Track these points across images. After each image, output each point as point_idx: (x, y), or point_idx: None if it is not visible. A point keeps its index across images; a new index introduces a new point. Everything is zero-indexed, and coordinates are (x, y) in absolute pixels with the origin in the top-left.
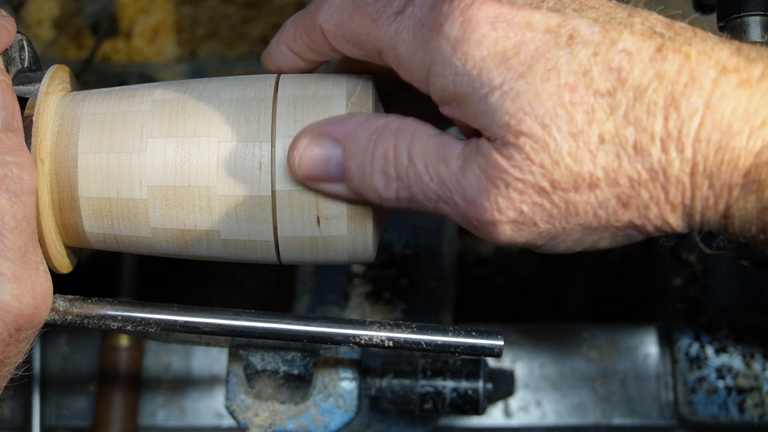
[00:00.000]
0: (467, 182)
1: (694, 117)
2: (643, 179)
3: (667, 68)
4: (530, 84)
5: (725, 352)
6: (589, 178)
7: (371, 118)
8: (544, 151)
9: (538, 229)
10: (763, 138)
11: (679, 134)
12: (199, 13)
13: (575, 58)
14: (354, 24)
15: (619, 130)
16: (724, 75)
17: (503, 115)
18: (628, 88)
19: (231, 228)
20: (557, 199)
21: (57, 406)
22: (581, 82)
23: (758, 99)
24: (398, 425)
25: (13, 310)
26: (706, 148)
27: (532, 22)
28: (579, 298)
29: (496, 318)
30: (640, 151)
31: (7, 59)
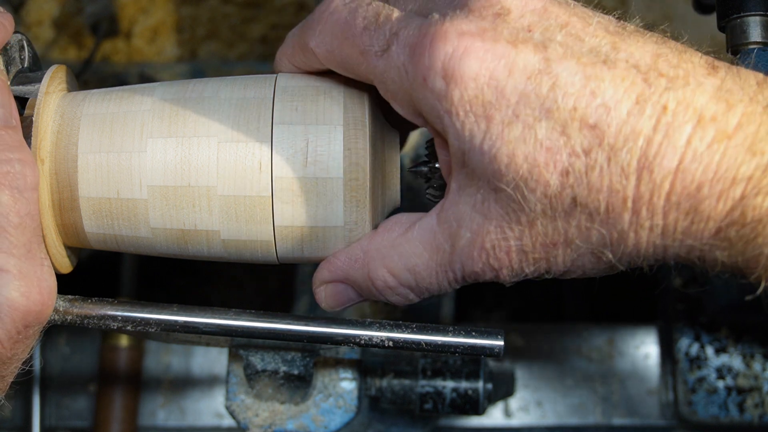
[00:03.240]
0: (462, 260)
1: (665, 181)
2: (614, 239)
3: (643, 124)
4: (507, 145)
5: (725, 352)
6: (564, 235)
7: (351, 254)
8: (519, 210)
9: (528, 274)
10: (732, 198)
11: (651, 197)
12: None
13: (554, 115)
14: (344, 53)
15: (592, 194)
16: (700, 128)
17: (484, 171)
18: (603, 147)
19: (231, 228)
20: (538, 254)
21: (57, 406)
22: (558, 141)
23: (731, 153)
24: (398, 425)
25: (21, 307)
26: (676, 212)
27: (515, 68)
28: (579, 298)
29: (496, 318)
30: (612, 214)
31: (7, 59)
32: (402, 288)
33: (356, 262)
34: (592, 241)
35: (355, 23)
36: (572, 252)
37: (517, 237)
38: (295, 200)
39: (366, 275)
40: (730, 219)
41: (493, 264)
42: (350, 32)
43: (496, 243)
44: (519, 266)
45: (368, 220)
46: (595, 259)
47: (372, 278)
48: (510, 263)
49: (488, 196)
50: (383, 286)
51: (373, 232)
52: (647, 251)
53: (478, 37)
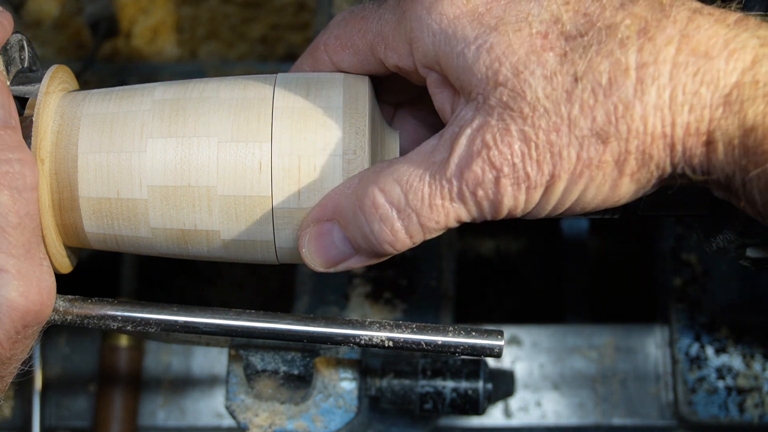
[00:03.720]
0: (460, 158)
1: (670, 44)
2: (620, 112)
3: (639, 9)
4: (502, 35)
5: (725, 352)
6: (568, 117)
7: (348, 181)
8: (521, 97)
9: (531, 180)
10: (744, 60)
11: (655, 61)
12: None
13: (546, 8)
14: (348, 29)
15: (593, 66)
16: (699, 14)
17: (480, 67)
18: (599, 28)
19: (231, 228)
20: (541, 144)
21: (57, 406)
22: (552, 28)
23: (736, 32)
24: (398, 425)
25: (21, 307)
26: (684, 73)
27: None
28: (579, 298)
29: (496, 318)
30: (615, 83)
31: (7, 59)
32: (389, 208)
33: (349, 187)
34: (597, 119)
35: (360, 5)
36: (576, 138)
37: (518, 126)
38: (295, 197)
39: (355, 199)
40: (742, 80)
41: (493, 160)
42: (355, 9)
43: (497, 135)
44: (521, 163)
45: None
46: (601, 146)
47: (361, 198)
48: (512, 158)
49: (489, 94)
50: (369, 206)
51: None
52: (654, 124)
53: None
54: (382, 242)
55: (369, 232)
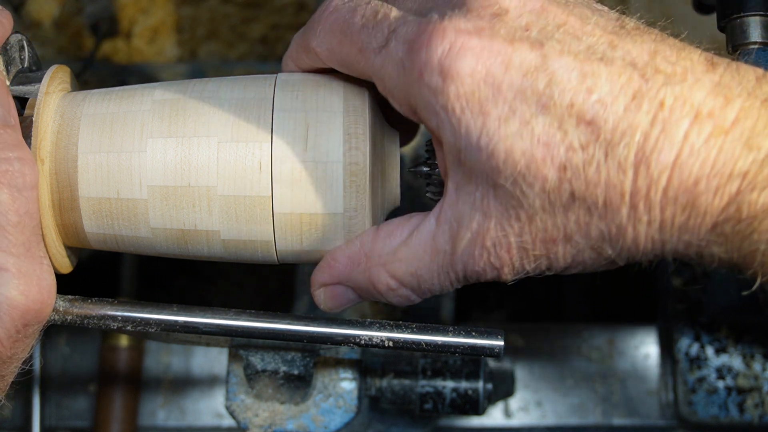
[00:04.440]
0: (464, 260)
1: (663, 175)
2: (613, 234)
3: (641, 119)
4: (505, 141)
5: (725, 352)
6: (564, 231)
7: (353, 256)
8: (518, 205)
9: (529, 271)
10: (729, 193)
11: (648, 192)
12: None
13: (550, 111)
14: (343, 51)
15: (590, 188)
16: (698, 123)
17: (482, 167)
18: (600, 143)
19: (231, 228)
20: (539, 250)
21: (57, 406)
22: (555, 136)
23: (728, 148)
24: (398, 425)
25: (21, 306)
26: (673, 206)
27: (511, 65)
28: (579, 298)
29: (496, 318)
30: (610, 208)
31: (7, 59)
32: (404, 290)
33: (358, 265)
34: (592, 236)
35: (353, 21)
36: (572, 248)
37: (517, 234)
38: (295, 196)
39: (367, 279)
40: (726, 214)
41: (494, 263)
42: (349, 30)
43: (497, 241)
44: (520, 264)
45: (368, 208)
46: (595, 255)
47: (374, 282)
48: (511, 261)
49: (487, 193)
50: (386, 289)
51: (374, 234)
52: (646, 246)
53: (475, 35)
54: (397, 303)
55: (385, 300)
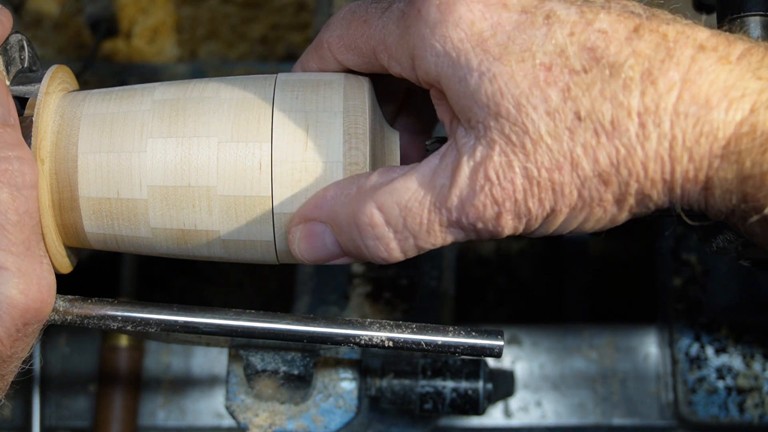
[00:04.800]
0: (462, 191)
1: (672, 91)
2: (621, 155)
3: (644, 47)
4: (506, 65)
5: (725, 352)
6: (570, 156)
7: (344, 187)
8: (523, 131)
9: (532, 215)
10: (743, 110)
11: (657, 108)
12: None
13: (550, 39)
14: (351, 30)
15: (596, 106)
16: (703, 52)
17: (481, 97)
18: (603, 65)
19: (231, 228)
20: (543, 181)
21: (57, 406)
22: (556, 61)
23: (737, 74)
24: (398, 425)
25: (20, 305)
26: (685, 122)
27: (509, 2)
28: (579, 298)
29: (496, 318)
30: (618, 126)
31: (7, 59)
32: (386, 228)
33: (346, 196)
34: (599, 160)
35: (364, 3)
36: (578, 178)
37: (521, 161)
38: (295, 196)
39: (351, 211)
40: (741, 130)
41: (495, 195)
42: (358, 9)
43: (500, 169)
44: (523, 199)
45: None
46: (602, 186)
47: (357, 213)
48: (514, 194)
49: (490, 123)
50: (366, 223)
51: (370, 172)
52: (654, 170)
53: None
54: (375, 256)
55: (363, 246)
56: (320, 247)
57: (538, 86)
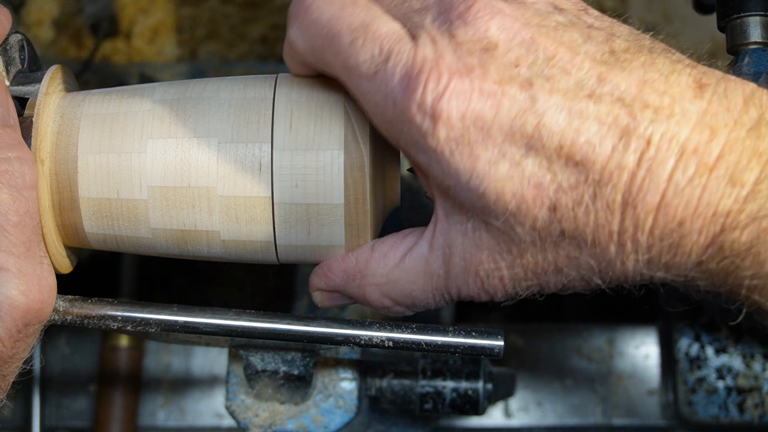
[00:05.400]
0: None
1: (649, 216)
2: (602, 267)
3: (627, 160)
4: (495, 183)
5: (725, 352)
6: (554, 264)
7: (348, 270)
8: (510, 241)
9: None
10: (713, 232)
11: (635, 231)
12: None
13: (539, 152)
14: (326, 59)
15: (579, 227)
16: (683, 161)
17: (470, 207)
18: (589, 184)
19: (231, 228)
20: (530, 277)
21: (57, 406)
22: (545, 177)
23: (712, 186)
24: (398, 425)
25: (21, 305)
26: (660, 245)
27: (501, 109)
28: (579, 298)
29: (496, 318)
30: (599, 245)
31: (6, 59)
32: (399, 307)
33: (353, 280)
34: (581, 268)
35: (340, 32)
36: (563, 277)
37: (508, 266)
38: (295, 197)
39: (362, 294)
40: (710, 253)
41: (487, 289)
42: (335, 41)
43: (489, 271)
44: (513, 290)
45: (368, 208)
46: (584, 283)
47: (368, 299)
48: (504, 288)
49: (478, 227)
50: (380, 306)
51: (369, 252)
52: (634, 278)
53: (466, 75)
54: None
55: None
56: (343, 303)
57: (526, 204)
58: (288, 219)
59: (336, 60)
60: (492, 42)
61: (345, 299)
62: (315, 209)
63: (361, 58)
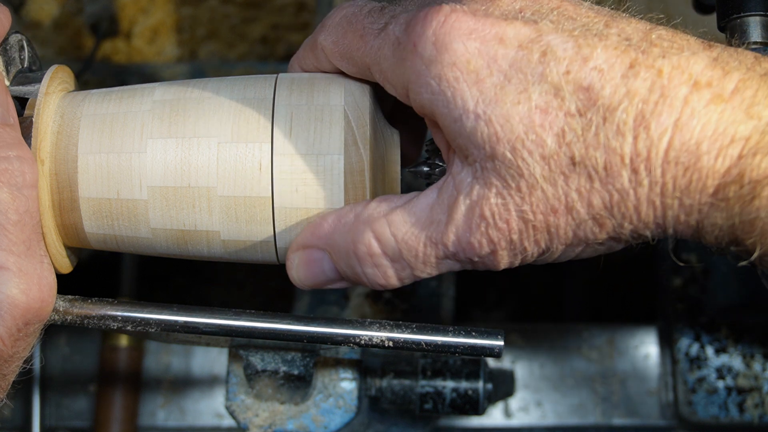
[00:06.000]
0: (458, 228)
1: (663, 137)
2: (615, 200)
3: (638, 86)
4: (501, 107)
5: (725, 352)
6: (565, 200)
7: (342, 216)
8: (519, 175)
9: (527, 252)
10: (731, 156)
11: (648, 154)
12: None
13: (546, 77)
14: (346, 40)
15: (590, 151)
16: (696, 91)
17: (477, 139)
18: (598, 108)
19: (231, 228)
20: (539, 223)
21: (57, 406)
22: (552, 103)
23: (729, 115)
24: (398, 425)
25: (22, 304)
26: (675, 169)
27: (505, 37)
28: (579, 298)
29: (496, 318)
30: (611, 172)
31: (7, 59)
32: (383, 258)
33: (344, 225)
34: (593, 204)
35: (360, 12)
36: (573, 220)
37: (517, 204)
38: (295, 197)
39: (350, 239)
40: (728, 178)
41: (491, 235)
42: (354, 19)
43: (496, 210)
44: (519, 238)
45: None
46: (597, 228)
47: (355, 242)
48: (509, 234)
49: (486, 164)
50: (364, 252)
51: (368, 201)
52: (647, 214)
53: (470, 14)
54: (373, 283)
55: (361, 273)
56: (319, 273)
57: (534, 131)
58: (288, 222)
59: (353, 35)
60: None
61: (324, 264)
62: (315, 213)
63: (373, 23)
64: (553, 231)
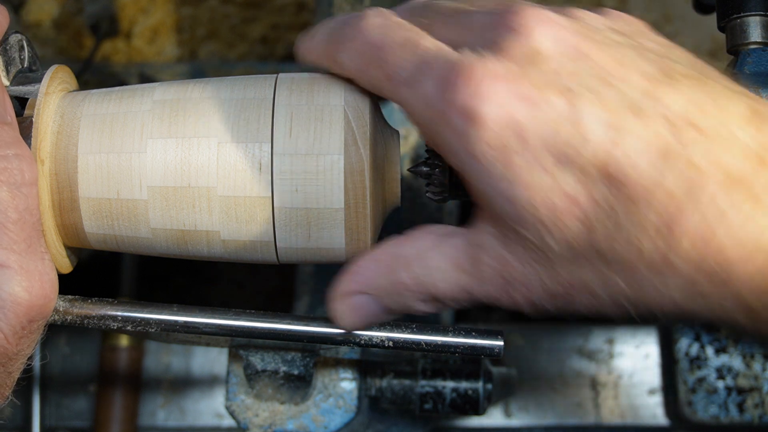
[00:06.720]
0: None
1: (684, 239)
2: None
3: (665, 179)
4: (527, 191)
5: (725, 352)
6: (584, 282)
7: (378, 258)
8: (542, 248)
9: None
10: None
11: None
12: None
13: (574, 163)
14: (371, 74)
15: (610, 244)
16: (726, 187)
17: (504, 209)
18: (622, 199)
19: (231, 228)
20: (560, 293)
21: (57, 406)
22: (578, 189)
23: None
24: (398, 425)
25: (25, 302)
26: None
27: (538, 112)
28: None
29: (496, 318)
30: (629, 267)
31: (6, 59)
32: (419, 293)
33: (384, 267)
34: (611, 290)
35: (384, 48)
36: (592, 297)
37: (538, 275)
38: (295, 197)
39: (390, 281)
40: (752, 285)
41: (514, 295)
42: (379, 56)
43: (518, 277)
44: (540, 301)
45: (368, 208)
46: (615, 308)
47: (395, 284)
48: (531, 298)
49: (509, 233)
50: (407, 292)
51: (397, 239)
52: (667, 308)
53: (504, 79)
54: (417, 311)
55: (406, 304)
56: (369, 315)
57: (558, 215)
58: (288, 223)
59: (380, 72)
60: (536, 50)
61: (371, 306)
62: (315, 213)
63: (402, 66)
64: (572, 300)
